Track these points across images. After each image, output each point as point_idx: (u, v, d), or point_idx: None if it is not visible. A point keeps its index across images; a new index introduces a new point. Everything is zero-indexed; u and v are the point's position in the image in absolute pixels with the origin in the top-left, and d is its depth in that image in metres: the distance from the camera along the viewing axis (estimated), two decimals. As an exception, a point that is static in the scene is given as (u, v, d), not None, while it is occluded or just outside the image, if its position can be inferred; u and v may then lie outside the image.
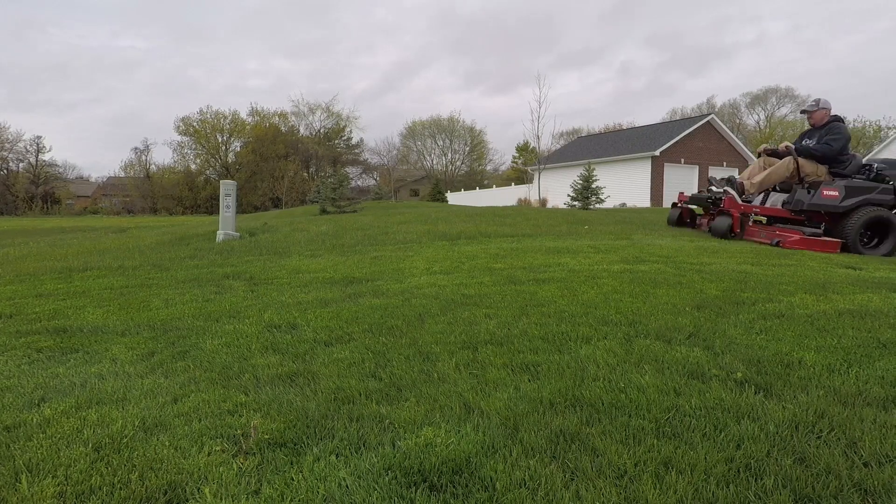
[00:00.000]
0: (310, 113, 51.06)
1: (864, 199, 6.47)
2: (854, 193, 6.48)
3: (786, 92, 51.36)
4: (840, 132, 6.81)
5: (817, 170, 6.80)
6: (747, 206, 6.85)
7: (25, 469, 1.40)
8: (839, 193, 6.46)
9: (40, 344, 2.55)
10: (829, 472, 1.30)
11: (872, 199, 6.48)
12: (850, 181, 6.56)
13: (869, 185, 6.53)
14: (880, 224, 6.49)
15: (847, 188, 6.48)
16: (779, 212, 6.91)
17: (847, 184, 6.51)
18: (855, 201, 6.43)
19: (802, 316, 2.63)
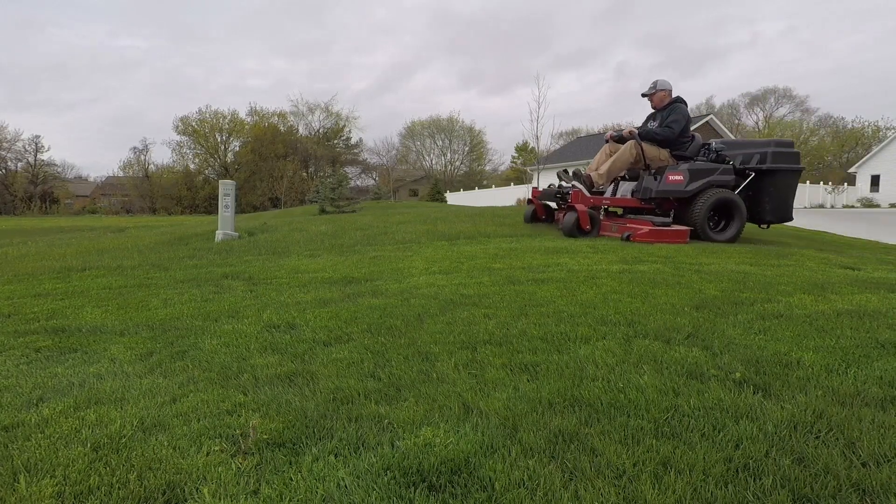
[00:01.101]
0: (309, 113, 51.06)
1: (708, 182, 6.29)
2: (698, 176, 6.29)
3: (784, 92, 51.41)
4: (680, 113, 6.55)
5: (660, 154, 6.56)
6: (597, 198, 6.49)
7: (24, 469, 1.40)
8: (684, 177, 6.24)
9: (39, 344, 2.54)
10: (828, 472, 1.30)
11: (716, 181, 6.32)
12: (694, 164, 6.37)
13: (711, 166, 6.35)
14: (725, 207, 6.34)
15: (691, 171, 6.27)
16: (629, 202, 6.60)
17: (691, 167, 6.30)
18: (699, 184, 6.25)
19: (801, 316, 2.63)
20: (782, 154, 6.53)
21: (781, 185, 6.61)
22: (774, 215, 6.75)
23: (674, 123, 6.49)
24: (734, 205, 6.33)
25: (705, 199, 6.18)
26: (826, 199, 32.23)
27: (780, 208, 6.72)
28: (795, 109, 50.87)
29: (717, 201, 6.24)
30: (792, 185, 6.76)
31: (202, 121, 50.09)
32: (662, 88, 6.75)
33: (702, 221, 6.16)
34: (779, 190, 6.61)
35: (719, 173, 6.35)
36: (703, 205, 6.17)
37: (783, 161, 6.51)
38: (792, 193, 6.80)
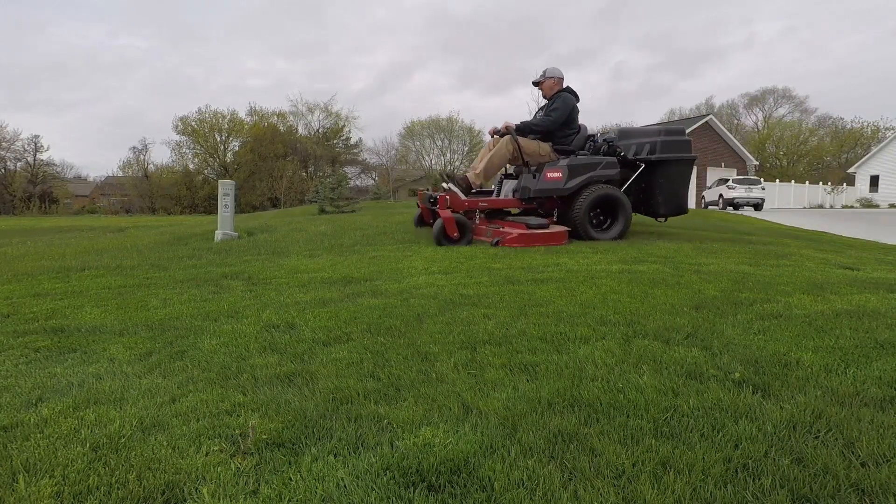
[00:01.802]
0: (308, 113, 51.03)
1: (588, 178, 5.85)
2: (579, 172, 5.84)
3: (783, 92, 51.47)
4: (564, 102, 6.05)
5: (540, 149, 6.08)
6: (473, 200, 5.94)
7: (23, 469, 1.40)
8: (563, 174, 5.79)
9: (38, 344, 2.54)
10: (827, 472, 1.30)
11: (598, 176, 5.88)
12: (574, 158, 5.92)
13: (593, 160, 5.92)
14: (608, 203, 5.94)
15: (571, 167, 5.83)
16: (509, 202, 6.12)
17: (570, 162, 5.86)
18: (580, 180, 5.80)
19: (800, 316, 2.64)
20: (671, 143, 6.14)
21: (673, 176, 6.24)
22: (667, 208, 6.35)
23: (554, 113, 6.03)
24: (617, 201, 5.94)
25: (585, 196, 5.78)
26: (825, 200, 32.26)
27: (673, 200, 6.33)
28: (795, 110, 50.93)
29: (598, 198, 5.85)
30: (684, 174, 6.37)
31: (202, 120, 50.06)
32: (551, 76, 6.28)
33: (582, 220, 5.78)
34: (670, 181, 6.23)
35: (602, 167, 5.90)
36: (583, 203, 5.77)
37: (673, 150, 6.12)
38: (685, 184, 6.42)
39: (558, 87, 6.27)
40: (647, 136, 6.32)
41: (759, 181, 23.69)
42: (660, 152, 6.09)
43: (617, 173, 5.99)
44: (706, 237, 6.69)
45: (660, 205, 6.31)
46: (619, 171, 6.00)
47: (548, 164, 5.93)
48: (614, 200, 5.97)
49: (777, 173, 42.28)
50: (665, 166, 6.16)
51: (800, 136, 48.46)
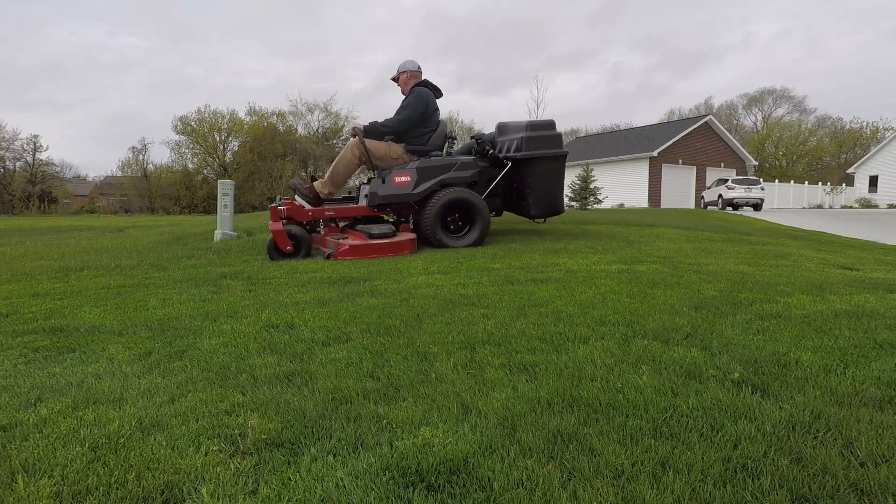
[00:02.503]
0: (308, 112, 51.04)
1: (441, 181, 5.40)
2: (429, 175, 5.41)
3: (782, 92, 51.52)
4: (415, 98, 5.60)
5: (391, 150, 5.66)
6: (318, 210, 5.51)
7: (22, 469, 1.39)
8: (412, 178, 5.38)
9: (37, 343, 2.54)
10: (826, 472, 1.30)
11: (451, 179, 5.43)
12: (425, 160, 5.51)
13: (448, 161, 5.52)
14: (463, 207, 5.48)
15: (420, 170, 5.40)
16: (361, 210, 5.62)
17: (420, 164, 5.44)
18: (431, 184, 5.38)
19: (799, 316, 2.64)
20: (537, 139, 5.71)
21: (542, 174, 5.77)
22: (539, 208, 5.87)
23: (404, 110, 5.58)
24: (471, 205, 5.47)
25: (434, 201, 5.34)
26: (824, 200, 32.30)
27: (545, 200, 5.86)
28: (794, 110, 50.97)
29: (449, 203, 5.39)
30: (555, 172, 5.88)
31: (201, 120, 50.05)
32: (405, 70, 5.87)
33: (432, 226, 5.35)
34: (539, 180, 5.76)
35: (457, 169, 5.47)
36: (433, 208, 5.33)
37: (539, 147, 5.69)
38: (557, 182, 5.94)
39: (414, 81, 5.82)
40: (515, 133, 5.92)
41: (759, 181, 23.70)
42: (525, 150, 5.68)
43: (474, 174, 5.55)
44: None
45: (531, 205, 5.84)
46: (476, 173, 5.57)
47: (396, 167, 5.53)
48: (468, 204, 5.48)
49: (776, 173, 42.32)
50: (532, 164, 5.72)
51: (799, 136, 48.50)
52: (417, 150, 5.72)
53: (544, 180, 5.80)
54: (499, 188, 5.90)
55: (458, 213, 5.55)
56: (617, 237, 6.76)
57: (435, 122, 5.80)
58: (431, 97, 5.73)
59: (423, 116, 5.65)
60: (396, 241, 5.11)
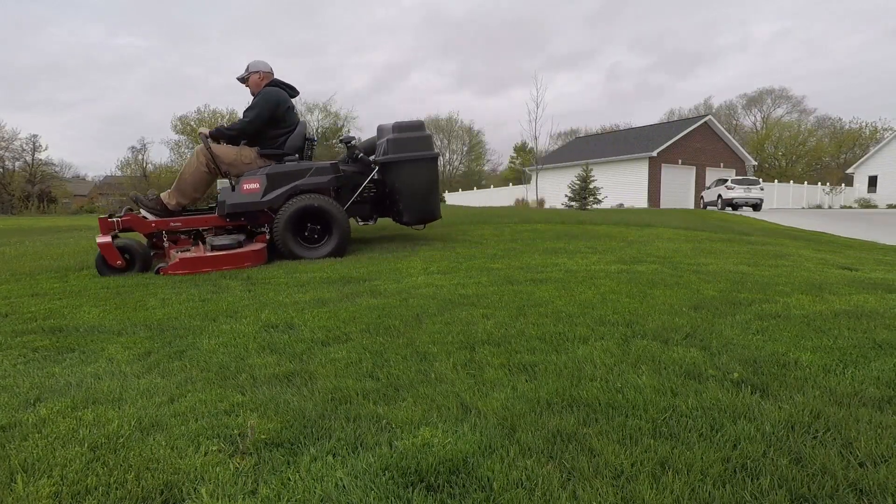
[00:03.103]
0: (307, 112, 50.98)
1: (293, 187, 5.06)
2: (279, 182, 5.05)
3: (780, 93, 51.54)
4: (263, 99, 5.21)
5: (241, 155, 5.26)
6: (162, 221, 5.06)
7: (21, 469, 1.39)
8: (260, 185, 5.01)
9: (36, 343, 2.54)
10: (825, 472, 1.30)
11: (305, 185, 5.08)
12: (276, 166, 5.14)
13: (301, 167, 5.14)
14: (317, 216, 5.12)
15: (270, 176, 5.04)
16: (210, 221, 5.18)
17: (271, 170, 5.07)
18: (281, 192, 5.03)
19: (799, 316, 2.64)
20: (403, 141, 5.46)
21: (410, 179, 5.49)
22: (411, 214, 5.60)
23: (250, 112, 5.19)
24: (326, 213, 5.10)
25: (285, 209, 5.01)
26: (824, 200, 32.33)
27: (417, 205, 5.57)
28: (793, 110, 51.00)
29: (301, 211, 5.03)
30: (424, 175, 5.56)
31: (201, 120, 49.99)
32: (255, 70, 5.47)
33: (282, 236, 5.00)
34: (407, 184, 5.49)
35: (312, 174, 5.12)
36: (282, 216, 5.00)
37: (405, 149, 5.44)
38: (429, 186, 5.61)
39: (265, 81, 5.45)
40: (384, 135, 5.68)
41: (758, 181, 23.71)
42: (391, 153, 5.46)
43: (331, 180, 5.18)
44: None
45: (402, 211, 5.58)
46: (334, 178, 5.21)
47: (246, 174, 5.13)
48: (324, 213, 5.10)
49: (776, 173, 42.36)
50: (399, 168, 5.48)
51: (798, 136, 48.54)
52: (272, 154, 5.32)
53: (414, 184, 5.52)
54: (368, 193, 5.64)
55: (315, 222, 5.18)
56: (616, 237, 6.77)
57: (291, 123, 5.42)
58: (283, 97, 5.34)
59: (274, 117, 5.25)
60: (236, 252, 4.74)
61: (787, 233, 9.97)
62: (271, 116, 5.24)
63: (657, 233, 7.68)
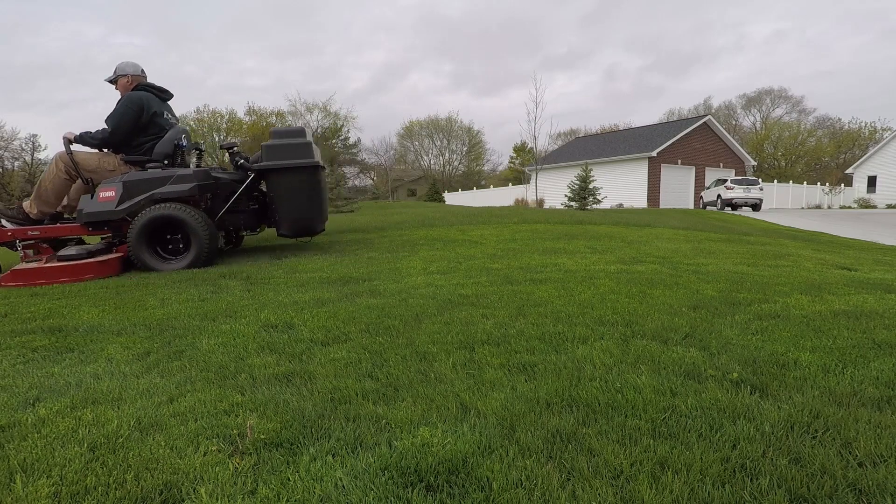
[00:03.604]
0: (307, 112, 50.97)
1: (150, 196, 4.82)
2: (136, 191, 4.82)
3: (779, 93, 51.58)
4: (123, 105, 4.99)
5: (102, 162, 5.08)
6: (20, 230, 4.89)
7: (20, 469, 1.39)
8: (115, 193, 4.81)
9: (35, 343, 2.54)
10: (825, 472, 1.30)
11: (163, 194, 4.83)
12: (134, 173, 4.93)
13: (163, 174, 4.90)
14: (174, 226, 4.86)
15: (126, 184, 4.82)
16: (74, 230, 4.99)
17: (128, 178, 4.86)
18: (137, 201, 4.81)
19: (798, 317, 2.64)
20: (279, 148, 5.19)
21: (286, 188, 5.23)
22: (287, 226, 5.35)
23: (108, 120, 4.99)
24: (183, 223, 4.81)
25: (138, 219, 4.78)
26: (823, 200, 32.35)
27: (293, 217, 5.31)
28: (792, 110, 51.04)
29: (155, 221, 4.78)
30: (301, 185, 5.27)
31: (200, 120, 50.00)
32: (122, 73, 5.22)
33: (136, 248, 4.76)
34: (285, 193, 5.24)
35: (173, 182, 4.87)
36: (134, 227, 4.76)
37: (280, 157, 5.18)
38: (309, 196, 5.32)
39: (133, 84, 5.23)
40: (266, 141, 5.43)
41: (758, 181, 23.72)
42: (265, 159, 5.20)
43: (194, 188, 4.91)
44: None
45: (278, 222, 5.36)
46: (197, 186, 4.94)
47: (104, 181, 4.93)
48: (179, 223, 4.81)
49: (775, 174, 42.39)
50: (274, 176, 5.23)
51: (798, 136, 48.59)
52: (136, 161, 5.10)
53: (291, 194, 5.26)
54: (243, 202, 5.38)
55: (175, 233, 4.94)
56: (616, 237, 6.77)
57: (158, 128, 5.18)
58: (149, 102, 5.12)
59: (137, 124, 5.03)
60: (77, 264, 4.52)
61: (787, 233, 9.98)
62: (132, 124, 5.01)
63: (656, 233, 7.69)
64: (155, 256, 4.89)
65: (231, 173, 5.43)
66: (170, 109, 5.48)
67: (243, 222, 5.55)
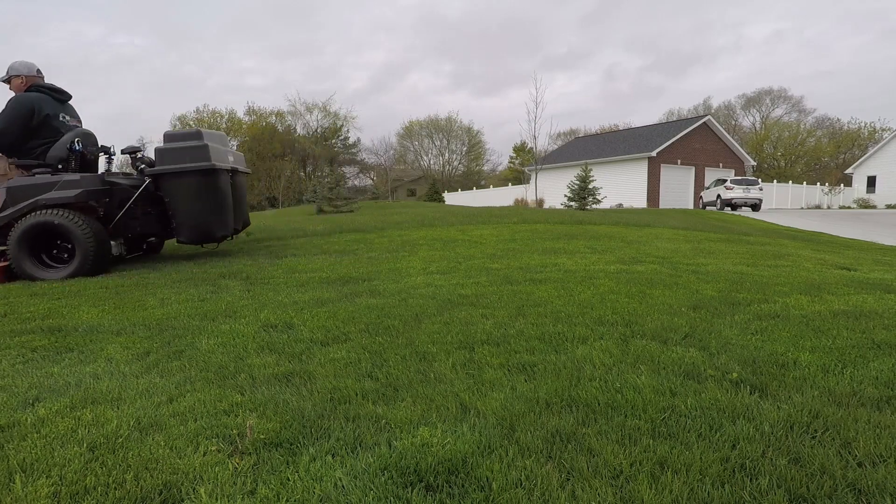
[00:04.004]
0: (307, 112, 51.01)
1: (34, 202, 4.63)
2: (22, 196, 4.67)
3: (779, 93, 51.57)
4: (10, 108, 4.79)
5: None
6: None
7: (19, 469, 1.39)
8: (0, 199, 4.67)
9: (34, 343, 2.54)
10: (824, 472, 1.30)
11: (46, 200, 4.62)
12: (18, 179, 4.77)
13: (46, 181, 4.69)
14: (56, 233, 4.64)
15: (10, 189, 4.67)
16: None
17: (11, 184, 4.70)
18: (19, 208, 4.65)
19: (797, 317, 2.64)
20: (173, 151, 4.96)
21: (181, 192, 5.00)
22: (186, 232, 5.13)
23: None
24: (65, 230, 4.59)
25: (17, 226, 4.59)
26: (823, 200, 32.37)
27: (191, 223, 5.08)
28: (792, 110, 51.04)
29: (36, 228, 4.57)
30: (196, 190, 5.04)
31: (200, 119, 49.99)
32: (15, 74, 5.01)
33: (16, 256, 4.58)
34: (180, 199, 5.01)
35: (59, 188, 4.66)
36: (13, 235, 4.58)
37: (173, 160, 4.94)
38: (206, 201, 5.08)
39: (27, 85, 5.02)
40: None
41: (757, 181, 23.72)
42: (158, 164, 4.99)
43: (82, 194, 4.68)
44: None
45: (175, 228, 5.14)
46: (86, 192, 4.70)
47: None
48: (63, 230, 4.59)
49: (775, 174, 42.42)
50: (168, 181, 4.99)
51: (797, 136, 48.62)
52: (27, 165, 4.89)
53: (187, 199, 5.03)
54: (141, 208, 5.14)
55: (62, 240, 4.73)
56: (615, 237, 6.77)
57: (53, 131, 4.97)
58: (41, 103, 4.90)
59: (28, 127, 4.82)
60: None
61: (786, 233, 9.98)
62: (24, 126, 4.80)
63: (656, 233, 7.69)
64: (37, 265, 4.68)
65: (133, 178, 5.22)
66: (70, 111, 5.26)
67: (144, 228, 5.28)
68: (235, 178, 5.52)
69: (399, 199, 39.28)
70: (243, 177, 5.80)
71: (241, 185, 5.77)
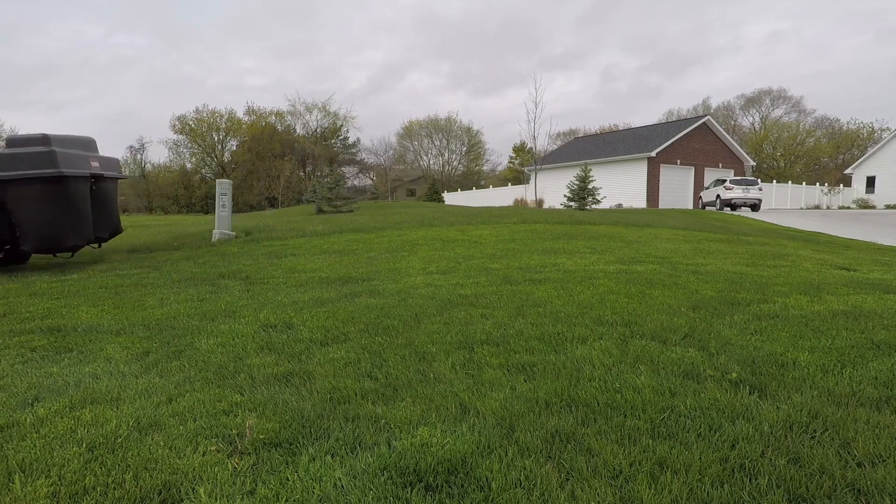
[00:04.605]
0: (306, 112, 50.98)
1: None
2: None
3: (778, 93, 51.58)
4: None
5: None
6: None
7: (19, 469, 1.39)
8: None
9: (34, 343, 2.53)
10: (823, 472, 1.30)
11: None
12: None
13: None
14: None
15: None
16: None
17: None
18: None
19: (797, 317, 2.64)
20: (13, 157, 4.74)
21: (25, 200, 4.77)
22: (33, 241, 4.89)
23: None
24: None
25: None
26: (822, 200, 32.40)
27: (38, 232, 4.84)
28: (791, 110, 51.05)
29: None
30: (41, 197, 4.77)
31: (199, 119, 49.97)
32: None
33: None
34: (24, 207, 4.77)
35: None
36: None
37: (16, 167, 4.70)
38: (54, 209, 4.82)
39: None
40: None
41: (757, 182, 23.72)
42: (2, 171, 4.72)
43: None
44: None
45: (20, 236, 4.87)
46: None
47: None
48: None
49: (774, 174, 42.43)
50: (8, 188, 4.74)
51: (797, 136, 48.64)
52: None
53: (30, 207, 4.77)
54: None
55: None
56: (615, 237, 6.77)
57: None
58: None
59: None
60: None
61: (786, 233, 9.98)
62: None
63: (656, 233, 7.69)
64: None
65: None
66: None
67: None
68: (99, 184, 5.22)
69: (398, 199, 39.30)
70: (112, 183, 5.51)
71: (108, 191, 5.48)
